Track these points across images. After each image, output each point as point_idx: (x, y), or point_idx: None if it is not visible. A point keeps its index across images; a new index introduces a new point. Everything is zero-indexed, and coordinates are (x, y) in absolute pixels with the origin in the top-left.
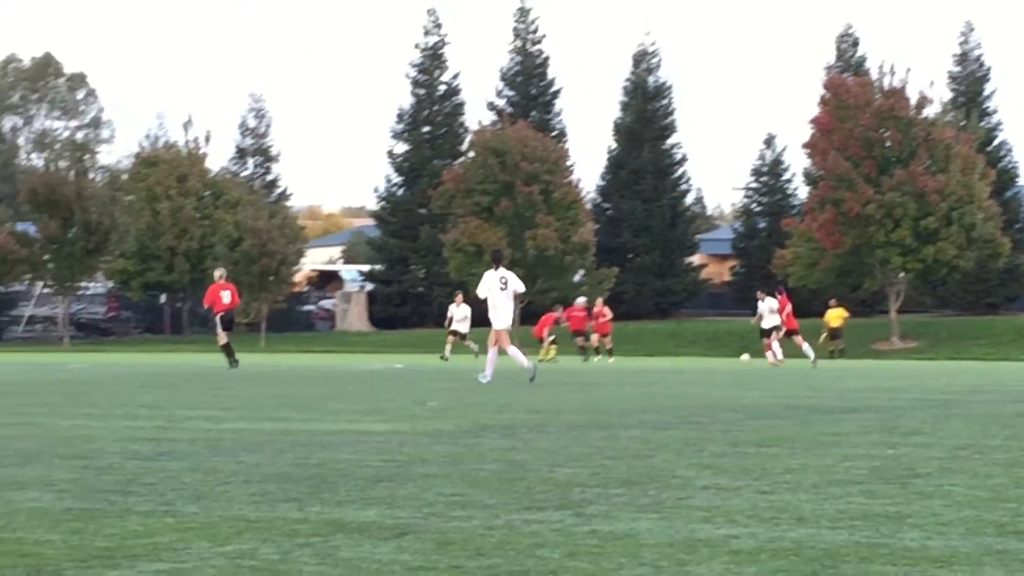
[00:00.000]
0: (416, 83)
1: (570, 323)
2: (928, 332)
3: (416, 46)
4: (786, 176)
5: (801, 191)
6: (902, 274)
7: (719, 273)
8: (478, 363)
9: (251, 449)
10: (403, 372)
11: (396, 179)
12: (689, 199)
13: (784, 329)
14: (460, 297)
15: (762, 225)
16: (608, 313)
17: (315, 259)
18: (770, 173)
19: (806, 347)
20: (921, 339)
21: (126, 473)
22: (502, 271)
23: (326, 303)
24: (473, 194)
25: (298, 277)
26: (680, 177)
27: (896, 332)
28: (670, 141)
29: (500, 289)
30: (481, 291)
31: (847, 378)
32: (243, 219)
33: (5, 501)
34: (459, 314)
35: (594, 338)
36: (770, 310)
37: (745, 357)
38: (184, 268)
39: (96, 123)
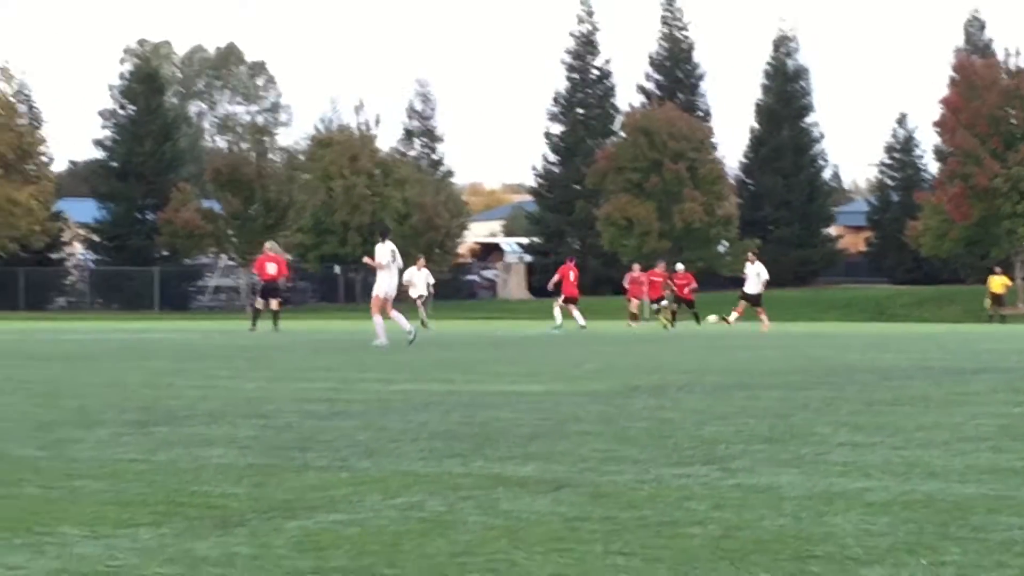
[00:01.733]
0: (571, 68)
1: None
2: None
3: (570, 34)
4: (917, 152)
5: (931, 166)
6: None
7: (855, 244)
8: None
9: (419, 409)
10: (560, 336)
11: (552, 158)
12: (826, 174)
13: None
14: (422, 261)
15: (895, 198)
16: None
17: (477, 232)
18: (902, 150)
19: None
20: None
21: (303, 431)
22: (390, 244)
23: (488, 273)
24: (624, 171)
25: (462, 249)
26: (818, 154)
27: (1022, 298)
28: (808, 120)
29: (391, 261)
30: (379, 261)
31: (976, 340)
32: (411, 196)
33: (194, 457)
34: (419, 278)
35: (635, 303)
36: (757, 275)
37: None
38: (356, 241)
39: (275, 108)
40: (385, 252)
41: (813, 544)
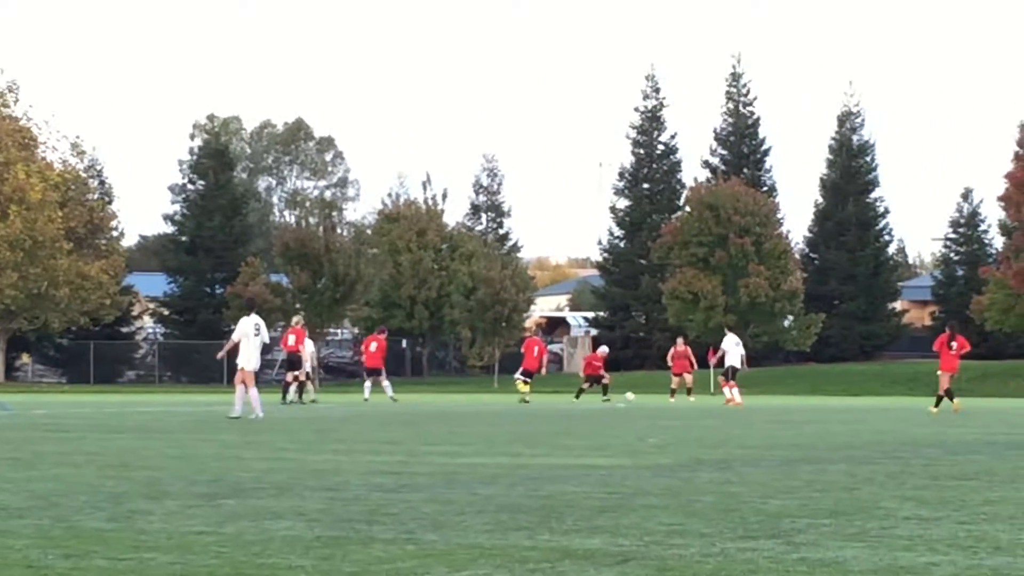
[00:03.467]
0: (636, 143)
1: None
2: None
3: (636, 109)
4: (982, 227)
5: (997, 241)
6: None
7: (920, 318)
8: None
9: (485, 482)
10: (626, 410)
11: (618, 232)
12: (891, 249)
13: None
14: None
15: (960, 273)
16: (688, 354)
17: (544, 306)
18: (967, 224)
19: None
20: None
21: (370, 504)
22: (255, 318)
23: (554, 347)
24: (690, 246)
25: (528, 323)
26: (883, 228)
27: None
28: (873, 195)
29: (254, 335)
30: (236, 335)
31: None
32: (477, 270)
33: (262, 530)
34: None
35: (676, 380)
36: (735, 344)
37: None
38: (423, 315)
39: (343, 182)
40: (248, 325)
41: None
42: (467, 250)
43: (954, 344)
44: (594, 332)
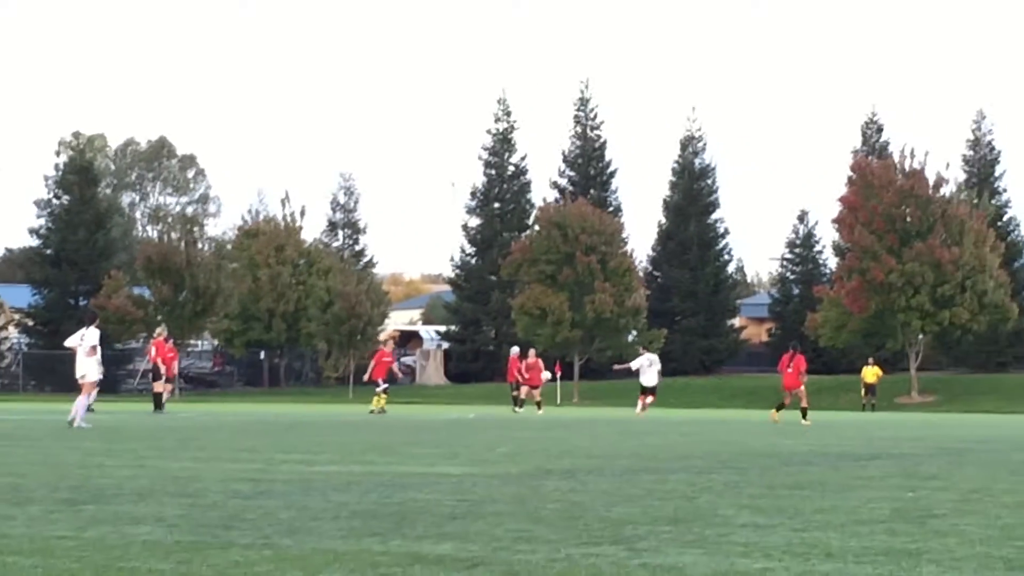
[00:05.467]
0: (487, 164)
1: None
2: (944, 388)
3: (488, 131)
4: (817, 248)
5: (831, 261)
6: (921, 336)
7: (757, 334)
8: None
9: (340, 489)
10: (475, 421)
11: (470, 249)
12: (731, 268)
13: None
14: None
15: (796, 291)
16: (540, 366)
17: (397, 320)
18: (803, 245)
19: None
20: (938, 394)
21: (228, 509)
22: (83, 330)
23: (407, 359)
24: (538, 263)
25: (382, 336)
26: (723, 248)
27: (915, 387)
28: (714, 216)
29: (79, 344)
30: (70, 342)
31: (872, 428)
32: (334, 284)
33: (122, 535)
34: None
35: (523, 389)
36: (649, 363)
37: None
38: (281, 328)
39: (204, 199)
40: (75, 337)
41: None
42: (324, 265)
43: (791, 366)
44: (446, 345)
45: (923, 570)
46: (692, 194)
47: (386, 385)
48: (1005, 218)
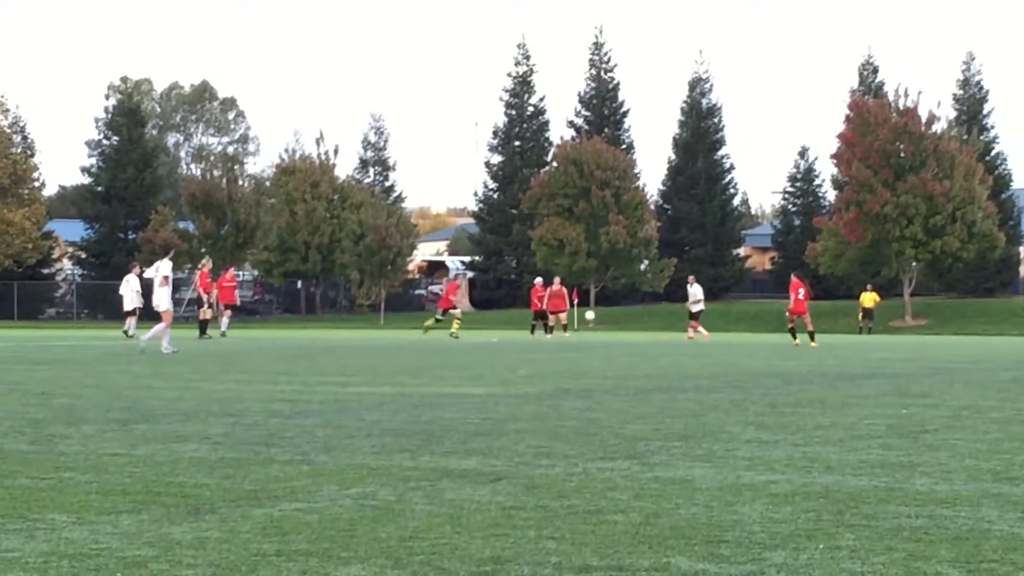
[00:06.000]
0: (508, 105)
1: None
2: (936, 312)
3: (508, 74)
4: (817, 182)
5: (829, 194)
6: (914, 263)
7: (761, 263)
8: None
9: (372, 408)
10: (498, 345)
11: (492, 185)
12: (736, 201)
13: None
14: (137, 269)
15: (797, 223)
16: (563, 294)
17: (425, 251)
18: (803, 179)
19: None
20: (930, 318)
21: (268, 428)
22: (159, 262)
23: (435, 288)
24: (556, 197)
25: (411, 266)
26: (729, 183)
27: (909, 312)
28: (720, 153)
29: (155, 275)
30: (147, 273)
31: (868, 350)
32: (365, 218)
33: (170, 451)
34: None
35: (551, 317)
36: (694, 297)
37: (589, 314)
38: (316, 259)
39: (244, 139)
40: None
41: (723, 530)
42: (356, 200)
43: (801, 291)
44: (471, 274)
45: (916, 482)
46: (700, 132)
47: (458, 310)
48: (993, 153)
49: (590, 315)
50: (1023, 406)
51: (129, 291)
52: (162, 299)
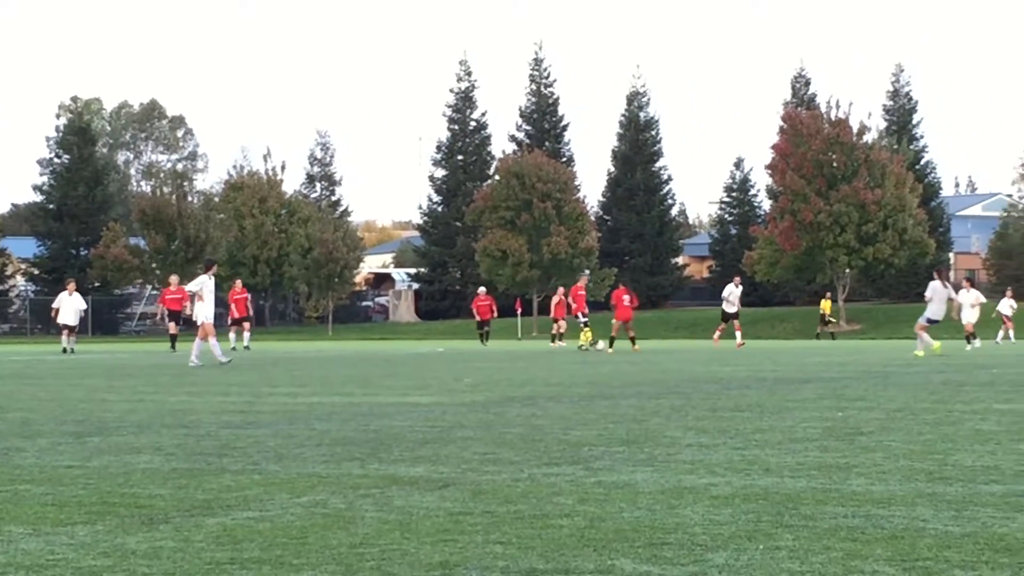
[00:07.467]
0: (451, 120)
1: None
2: (869, 317)
3: (451, 90)
4: (752, 191)
5: (765, 204)
6: (847, 270)
7: (699, 271)
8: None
9: (322, 418)
10: (444, 355)
11: (436, 198)
12: (674, 211)
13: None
14: (72, 285)
15: (733, 232)
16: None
17: (371, 264)
18: (739, 189)
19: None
20: (864, 322)
21: (220, 439)
22: (201, 276)
23: (381, 299)
24: (499, 209)
25: (358, 279)
26: (666, 193)
27: (843, 317)
28: (658, 164)
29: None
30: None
31: (804, 354)
32: (313, 232)
33: (124, 463)
34: (69, 305)
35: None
36: (729, 298)
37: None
38: (265, 272)
39: (193, 156)
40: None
41: (666, 533)
42: (303, 215)
43: (626, 299)
44: (416, 285)
45: (853, 483)
46: (638, 144)
47: (586, 319)
48: (923, 162)
49: (601, 345)
50: (955, 408)
51: (69, 308)
52: (202, 312)
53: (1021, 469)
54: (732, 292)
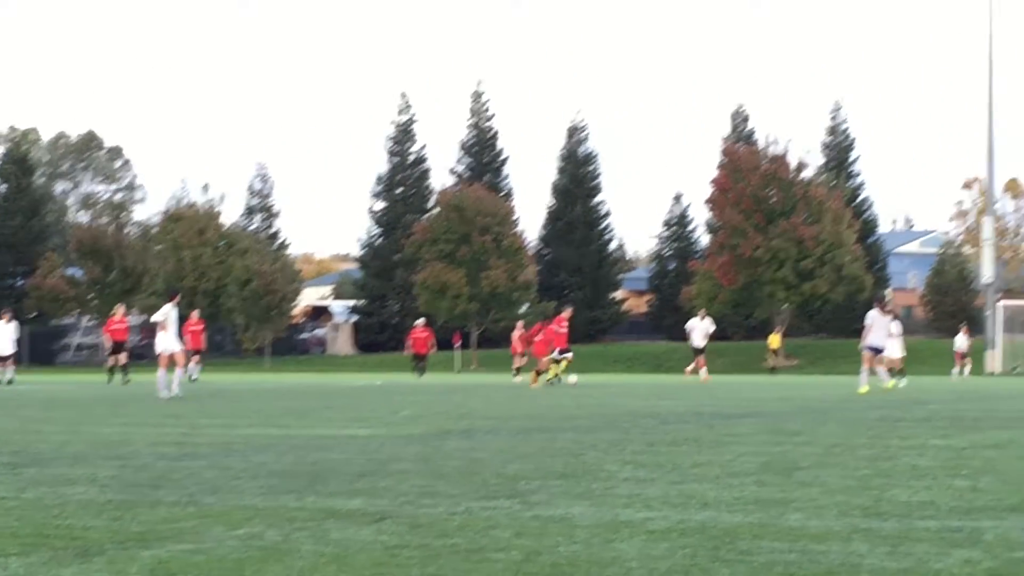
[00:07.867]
0: (391, 153)
1: (415, 344)
2: (807, 352)
3: (391, 123)
4: (691, 226)
5: (703, 239)
6: (785, 305)
7: (637, 305)
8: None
9: (259, 450)
10: (382, 387)
11: (375, 230)
12: (613, 245)
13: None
14: (8, 315)
15: (672, 266)
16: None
17: (309, 296)
18: (678, 224)
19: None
20: (801, 358)
21: (156, 471)
22: (165, 306)
23: (319, 332)
24: (438, 243)
25: (296, 311)
26: (605, 228)
27: (781, 352)
28: (597, 199)
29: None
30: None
31: (742, 389)
32: (251, 264)
33: (59, 494)
34: (4, 334)
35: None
36: (691, 332)
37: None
38: (203, 304)
39: (131, 187)
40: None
41: (602, 567)
42: (242, 247)
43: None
44: (355, 318)
45: (790, 517)
46: (577, 178)
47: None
48: (860, 198)
49: (573, 379)
50: (891, 443)
51: (4, 337)
52: (170, 342)
53: (956, 505)
54: (691, 325)
